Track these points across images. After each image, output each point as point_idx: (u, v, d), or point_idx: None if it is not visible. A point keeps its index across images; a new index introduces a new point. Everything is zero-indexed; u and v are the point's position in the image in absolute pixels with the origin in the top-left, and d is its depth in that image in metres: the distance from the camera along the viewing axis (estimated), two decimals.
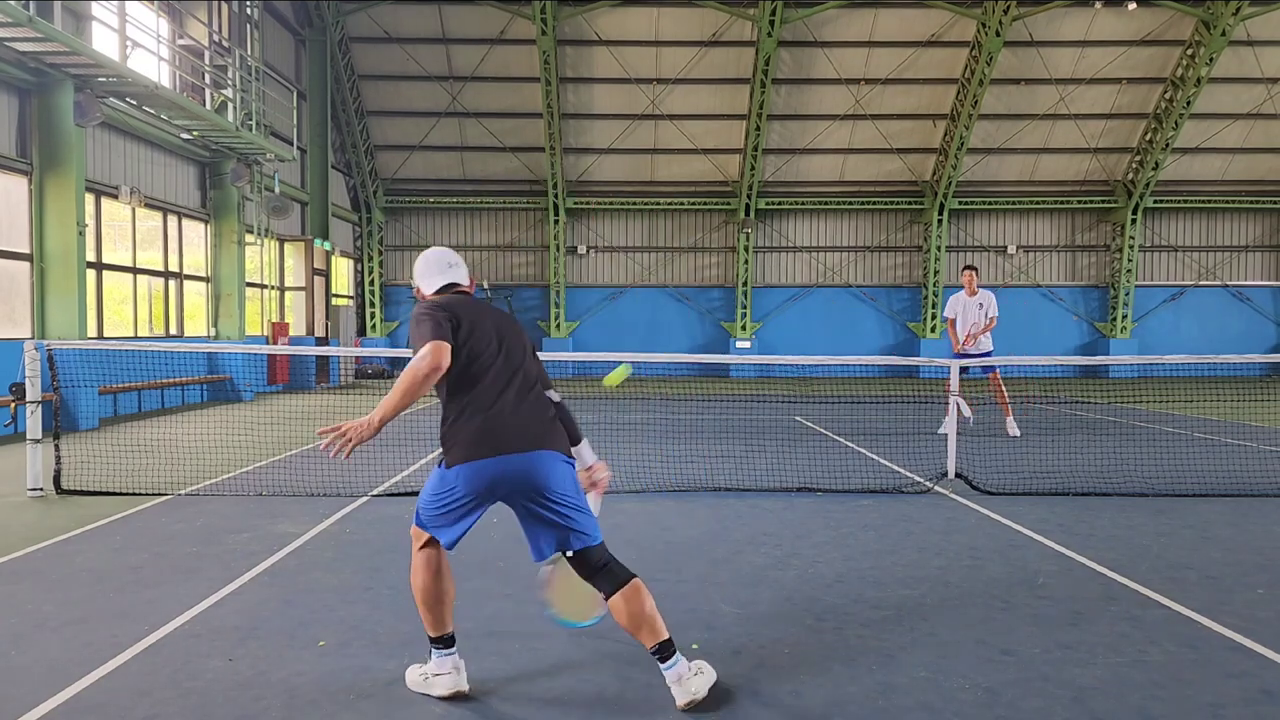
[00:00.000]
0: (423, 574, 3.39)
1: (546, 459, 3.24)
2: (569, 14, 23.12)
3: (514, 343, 3.41)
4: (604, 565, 3.29)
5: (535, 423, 3.29)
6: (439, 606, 3.39)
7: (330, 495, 7.25)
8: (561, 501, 3.24)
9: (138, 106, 14.80)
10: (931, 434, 11.29)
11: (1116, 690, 3.42)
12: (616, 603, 3.25)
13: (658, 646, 3.25)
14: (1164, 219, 27.70)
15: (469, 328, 3.30)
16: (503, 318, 3.48)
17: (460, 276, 3.58)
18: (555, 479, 3.24)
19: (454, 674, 3.38)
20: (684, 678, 3.24)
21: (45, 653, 3.79)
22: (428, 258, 3.60)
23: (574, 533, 3.25)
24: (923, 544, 5.75)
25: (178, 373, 15.74)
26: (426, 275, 3.56)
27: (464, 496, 3.23)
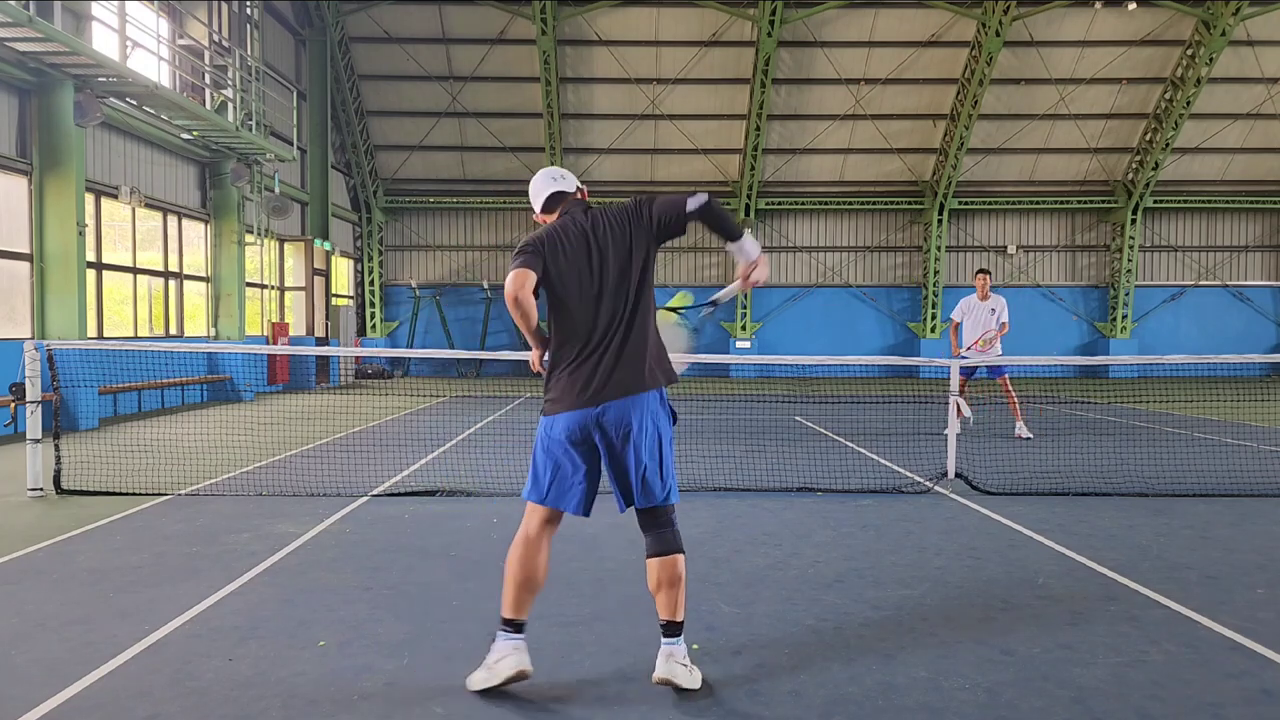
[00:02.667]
0: (517, 549, 3.42)
1: (640, 402, 3.31)
2: (569, 14, 23.12)
3: (617, 272, 3.35)
4: (664, 527, 3.37)
5: (629, 368, 3.32)
6: (523, 588, 3.40)
7: (330, 495, 7.25)
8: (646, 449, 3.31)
9: (138, 106, 14.81)
10: (931, 434, 11.28)
11: (1116, 690, 3.42)
12: (654, 565, 3.36)
13: (668, 623, 3.37)
14: (1164, 219, 27.70)
15: (561, 266, 3.32)
16: (609, 234, 3.38)
17: (567, 185, 3.56)
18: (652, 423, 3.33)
19: (515, 654, 3.37)
20: (673, 657, 3.34)
21: (45, 653, 3.79)
22: (535, 181, 3.61)
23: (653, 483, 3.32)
24: (923, 544, 5.75)
25: (178, 373, 15.74)
26: (536, 195, 3.58)
27: (565, 440, 3.33)
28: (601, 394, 3.29)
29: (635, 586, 4.74)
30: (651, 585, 3.38)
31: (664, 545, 3.36)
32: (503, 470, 8.26)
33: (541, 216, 3.56)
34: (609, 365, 3.31)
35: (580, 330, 3.34)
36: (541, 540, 3.42)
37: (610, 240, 3.37)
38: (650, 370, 3.37)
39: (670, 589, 3.34)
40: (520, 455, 9.28)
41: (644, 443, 3.32)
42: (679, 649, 3.38)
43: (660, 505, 3.36)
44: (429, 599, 4.55)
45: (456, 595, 4.61)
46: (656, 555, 3.36)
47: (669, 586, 3.34)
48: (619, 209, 3.43)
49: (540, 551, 3.42)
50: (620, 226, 3.39)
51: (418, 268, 27.69)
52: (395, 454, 9.71)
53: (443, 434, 11.63)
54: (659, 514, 3.37)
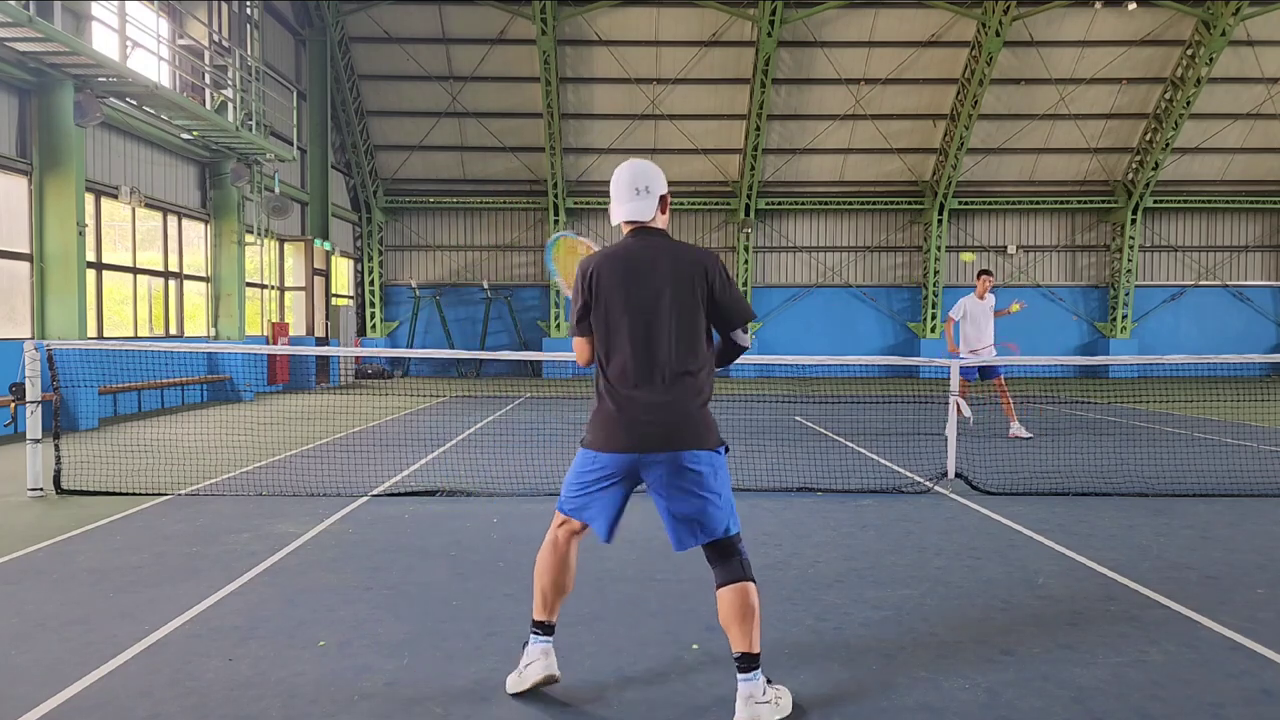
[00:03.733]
0: (546, 553, 3.40)
1: (684, 458, 3.14)
2: (569, 14, 23.12)
3: (671, 309, 3.17)
4: (730, 557, 3.21)
5: (675, 415, 3.15)
6: (551, 591, 3.39)
7: (330, 495, 7.25)
8: (696, 491, 3.16)
9: (138, 106, 14.81)
10: (931, 434, 11.28)
11: (1116, 690, 3.42)
12: (724, 594, 3.18)
13: (742, 655, 3.16)
14: (1164, 219, 27.70)
15: (611, 298, 3.19)
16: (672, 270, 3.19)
17: (643, 211, 3.28)
18: (695, 471, 3.15)
19: (543, 659, 3.37)
20: (753, 698, 3.12)
21: (45, 653, 3.79)
22: (619, 176, 3.33)
23: (708, 521, 3.17)
24: (923, 544, 5.75)
25: (178, 373, 15.74)
26: (614, 200, 3.36)
27: (600, 477, 3.24)
28: (647, 441, 3.14)
29: (635, 586, 4.74)
30: (723, 618, 3.19)
31: (732, 574, 3.18)
32: (503, 470, 8.25)
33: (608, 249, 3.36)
34: (658, 411, 3.15)
35: (630, 363, 3.17)
36: (570, 546, 3.40)
37: (674, 278, 3.20)
38: (699, 428, 3.19)
39: (744, 620, 3.14)
40: (520, 455, 9.29)
41: (695, 486, 3.16)
42: (757, 686, 3.14)
43: (723, 538, 3.20)
44: (429, 599, 4.55)
45: (456, 595, 4.61)
46: (726, 584, 3.18)
47: (742, 618, 3.15)
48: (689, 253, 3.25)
49: (570, 556, 3.40)
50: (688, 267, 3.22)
51: (418, 268, 27.69)
52: (395, 454, 9.71)
53: (443, 434, 11.63)
54: (723, 545, 3.20)
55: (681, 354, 3.19)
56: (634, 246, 3.27)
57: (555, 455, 9.28)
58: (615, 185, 3.34)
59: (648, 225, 3.31)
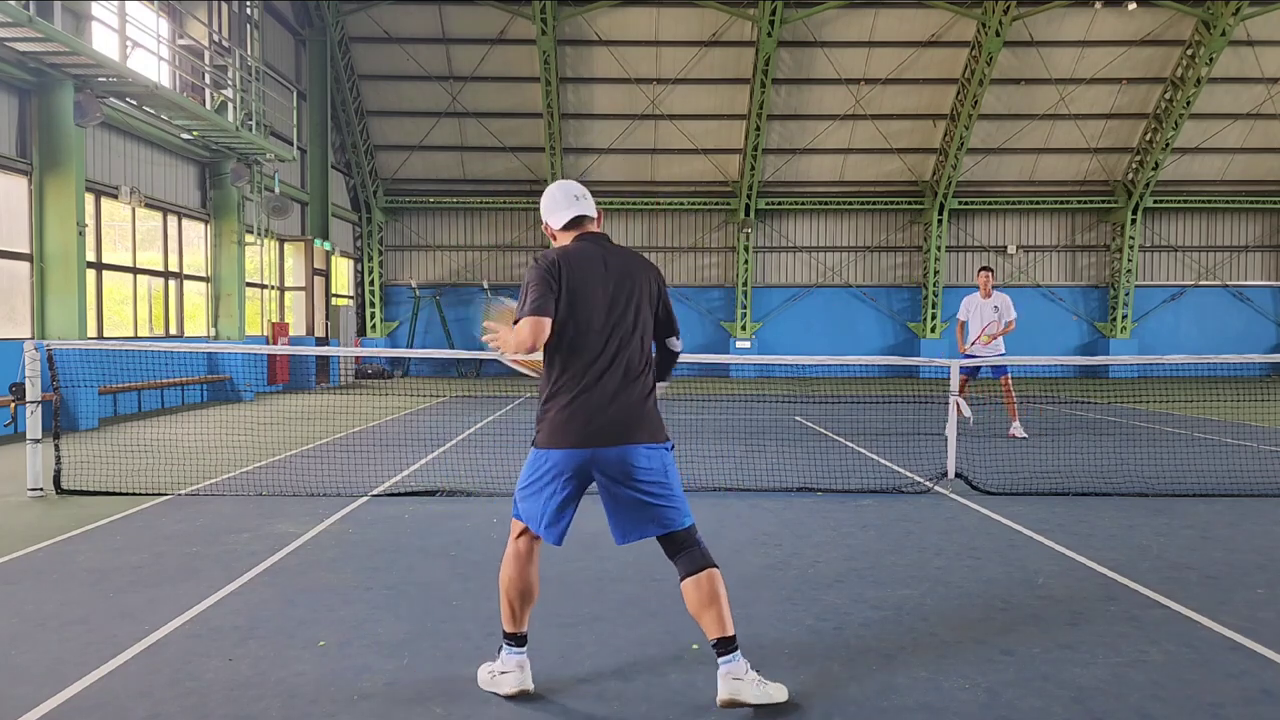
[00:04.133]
0: (510, 566, 3.38)
1: (638, 452, 3.19)
2: (569, 14, 23.12)
3: (627, 306, 3.26)
4: (690, 546, 3.26)
5: (630, 411, 3.21)
6: (520, 602, 3.37)
7: (330, 495, 7.25)
8: (649, 487, 3.21)
9: (138, 106, 14.81)
10: (931, 434, 11.28)
11: (1116, 690, 3.42)
12: (690, 584, 3.23)
13: (719, 640, 3.22)
14: (1164, 219, 27.70)
15: (576, 292, 3.19)
16: (624, 268, 3.30)
17: (588, 209, 3.41)
18: (645, 467, 3.20)
19: (518, 672, 3.36)
20: (734, 675, 3.19)
21: (45, 653, 3.79)
22: (552, 191, 3.44)
23: (662, 515, 3.23)
24: (923, 544, 5.75)
25: (178, 373, 15.74)
26: (553, 210, 3.41)
27: (554, 477, 3.22)
28: (602, 435, 3.17)
29: (635, 586, 4.74)
30: (693, 607, 3.24)
31: (695, 564, 3.24)
32: (503, 470, 8.25)
33: (555, 233, 3.43)
34: (612, 409, 3.19)
35: (585, 363, 3.19)
36: (532, 555, 3.38)
37: (628, 278, 3.29)
38: (651, 424, 3.26)
39: (714, 605, 3.20)
40: (520, 455, 9.27)
41: (648, 482, 3.22)
42: (738, 665, 3.20)
43: (679, 530, 3.26)
44: (429, 599, 4.55)
45: (456, 595, 4.61)
46: (690, 574, 3.23)
47: (711, 603, 3.20)
48: (641, 262, 3.37)
49: (531, 565, 3.38)
50: (640, 271, 3.33)
51: (418, 268, 27.69)
52: (395, 454, 9.71)
53: (443, 434, 11.63)
54: (679, 537, 3.27)
55: (643, 353, 3.29)
56: (592, 248, 3.31)
57: None
58: (550, 199, 3.44)
59: (594, 230, 3.41)
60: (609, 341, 3.21)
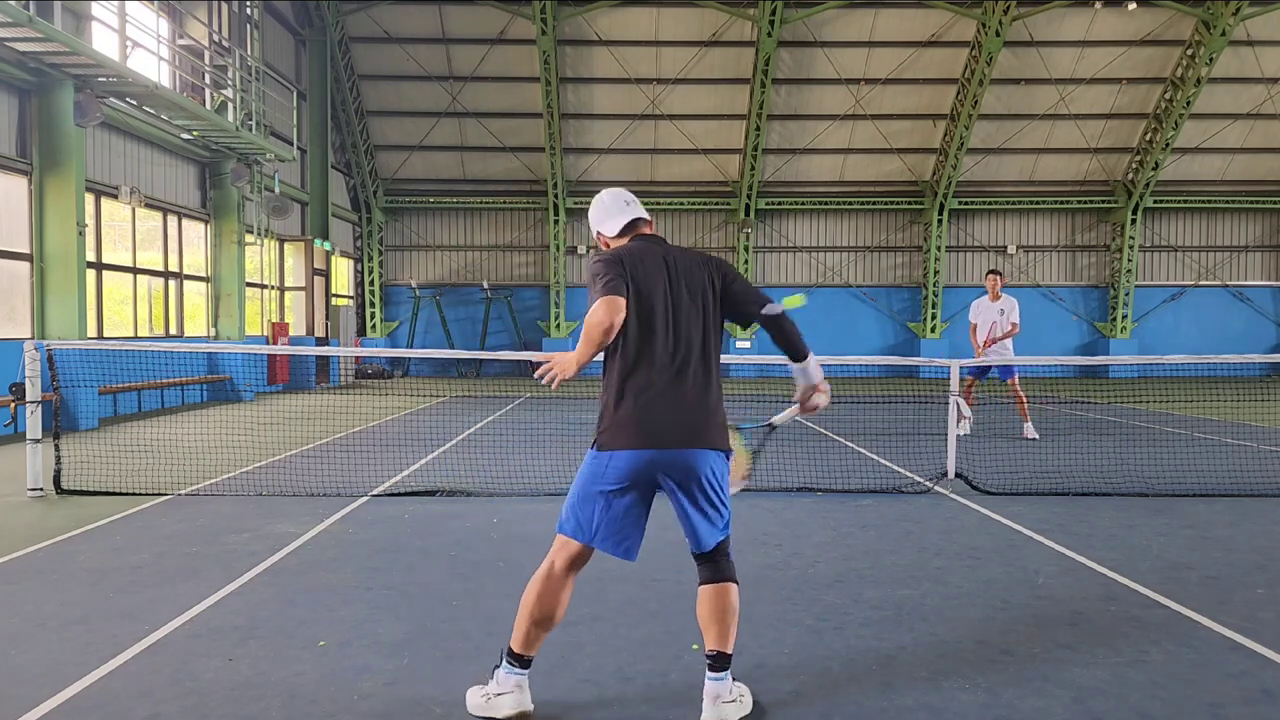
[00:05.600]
0: (538, 585, 3.16)
1: (705, 457, 3.09)
2: (569, 14, 23.12)
3: (691, 306, 3.14)
4: (721, 557, 3.20)
5: (697, 413, 3.09)
6: (538, 627, 3.17)
7: (330, 495, 7.25)
8: (714, 494, 3.14)
9: (138, 106, 14.81)
10: (931, 434, 11.27)
11: (1116, 690, 3.42)
12: (708, 592, 3.17)
13: (715, 654, 3.15)
14: (1164, 219, 27.70)
15: (641, 286, 3.08)
16: (687, 265, 3.19)
17: (642, 212, 3.35)
18: (713, 471, 3.13)
19: (517, 692, 3.18)
20: (720, 698, 3.13)
21: (45, 653, 3.79)
22: (602, 199, 3.37)
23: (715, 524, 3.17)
24: (923, 544, 5.75)
25: (178, 373, 15.74)
26: (607, 217, 3.33)
27: (616, 480, 3.07)
28: (671, 436, 3.05)
29: (635, 586, 4.74)
30: (702, 614, 3.17)
31: (720, 573, 3.18)
32: (503, 470, 8.25)
33: (608, 241, 3.33)
34: (682, 409, 3.07)
35: (654, 360, 3.07)
36: (568, 578, 3.18)
37: (689, 276, 3.18)
38: (720, 427, 3.18)
39: (724, 620, 3.14)
40: (520, 455, 9.29)
41: (710, 488, 3.14)
42: (725, 686, 3.15)
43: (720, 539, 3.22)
44: (429, 599, 4.55)
45: (456, 595, 4.61)
46: (710, 582, 3.17)
47: (722, 617, 3.14)
48: (700, 256, 3.28)
49: (565, 589, 3.18)
50: (699, 268, 3.22)
51: (418, 268, 27.69)
52: (395, 454, 9.71)
53: (443, 434, 11.63)
54: (717, 545, 3.22)
55: (712, 354, 3.19)
56: (653, 247, 3.22)
57: (555, 455, 9.28)
58: (600, 208, 3.36)
59: (650, 233, 3.35)
60: (676, 339, 3.10)
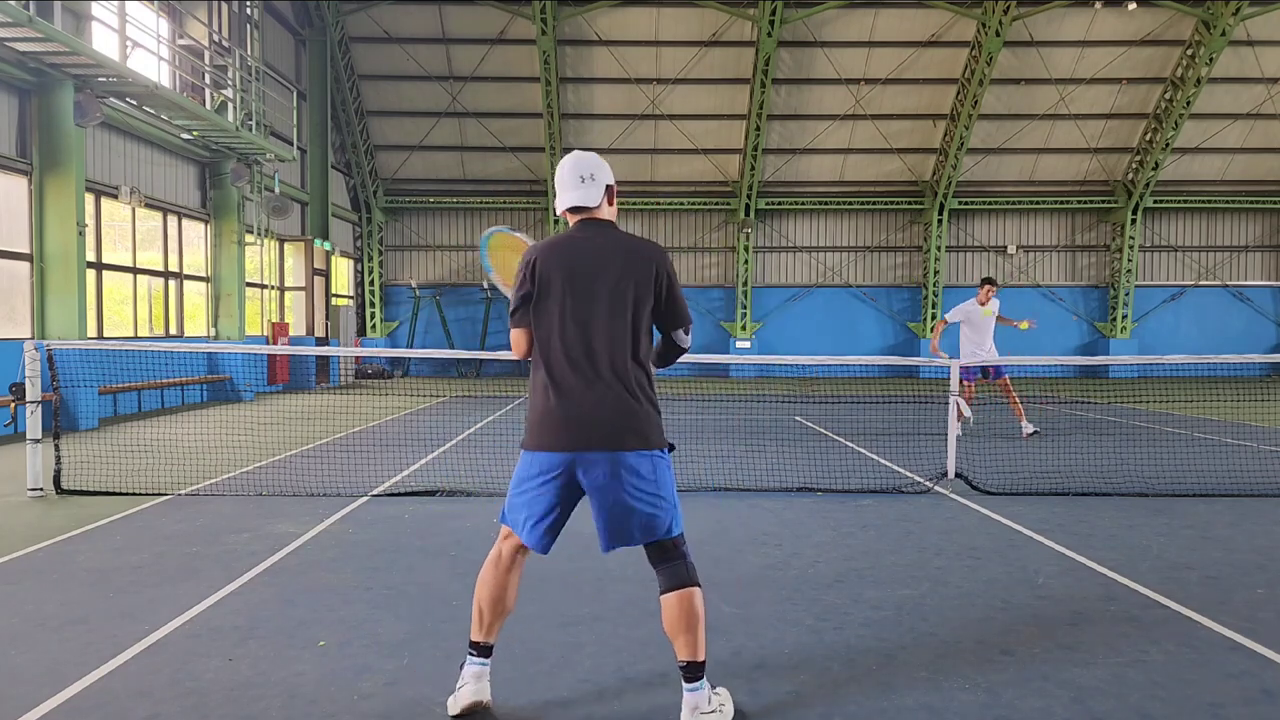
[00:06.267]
0: (488, 569, 3.25)
1: (624, 459, 2.99)
2: (569, 14, 23.12)
3: (611, 304, 3.04)
4: (674, 560, 3.07)
5: (616, 414, 3.00)
6: (490, 609, 3.21)
7: (330, 495, 7.25)
8: (637, 494, 3.01)
9: (138, 106, 14.81)
10: (931, 434, 11.27)
11: (1116, 690, 3.42)
12: (669, 601, 3.05)
13: (688, 664, 3.05)
14: (1164, 219, 27.70)
15: (551, 286, 3.04)
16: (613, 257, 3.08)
17: (588, 196, 3.17)
18: (633, 473, 3.00)
19: (473, 683, 3.18)
20: (699, 709, 3.04)
21: (45, 653, 3.79)
22: (562, 166, 3.23)
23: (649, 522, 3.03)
24: (923, 544, 5.75)
25: (178, 373, 15.74)
26: (559, 189, 3.23)
27: (536, 477, 3.08)
28: (585, 439, 2.99)
29: (635, 586, 4.74)
30: (668, 625, 3.05)
31: (676, 579, 3.04)
32: (503, 470, 8.25)
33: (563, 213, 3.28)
34: (597, 409, 2.99)
35: (566, 362, 3.03)
36: (514, 564, 3.22)
37: (615, 272, 3.07)
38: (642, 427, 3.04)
39: (690, 628, 3.01)
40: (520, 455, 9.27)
41: (636, 488, 3.01)
42: (703, 696, 3.04)
43: (665, 538, 3.06)
44: (429, 599, 4.55)
45: (456, 595, 4.61)
46: (671, 590, 3.04)
47: (688, 625, 3.01)
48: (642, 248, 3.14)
49: (513, 574, 3.23)
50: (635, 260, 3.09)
51: (418, 268, 27.69)
52: (395, 454, 9.71)
53: (443, 434, 11.63)
54: (666, 547, 3.07)
55: (629, 350, 3.06)
56: (580, 236, 3.14)
57: None
58: (559, 175, 3.24)
59: (595, 216, 3.20)
60: (590, 337, 3.02)
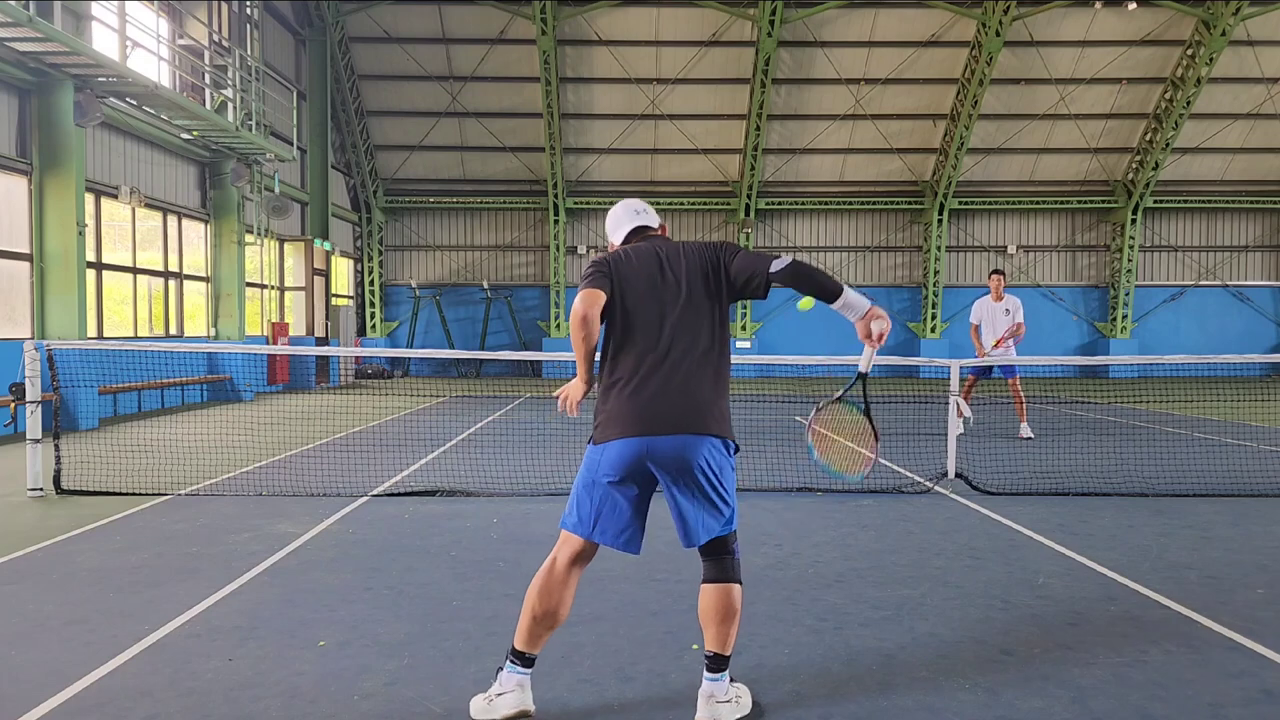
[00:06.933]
0: (541, 579, 3.16)
1: (698, 444, 3.03)
2: (569, 14, 23.12)
3: (684, 297, 3.12)
4: (724, 554, 3.14)
5: (689, 400, 3.05)
6: (541, 622, 3.15)
7: (330, 495, 7.25)
8: (709, 486, 3.07)
9: (138, 106, 14.81)
10: (931, 434, 11.27)
11: (1116, 690, 3.42)
12: (708, 591, 3.13)
13: (714, 655, 3.13)
14: (1164, 219, 27.71)
15: (627, 281, 3.13)
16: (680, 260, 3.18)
17: (649, 220, 3.42)
18: (707, 462, 3.05)
19: (518, 691, 3.14)
20: (714, 698, 3.11)
21: (45, 653, 3.79)
22: (615, 211, 3.47)
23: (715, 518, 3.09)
24: (923, 544, 5.75)
25: (178, 373, 15.74)
26: (616, 227, 3.44)
27: (609, 471, 3.06)
28: (659, 422, 3.02)
29: (635, 586, 4.74)
30: (704, 613, 3.13)
31: (722, 572, 3.13)
32: (503, 470, 8.26)
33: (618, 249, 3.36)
34: (671, 395, 3.05)
35: (642, 352, 3.09)
36: (571, 574, 3.17)
37: (684, 266, 3.17)
38: (715, 415, 3.10)
39: (724, 621, 3.10)
40: (520, 455, 9.28)
41: (704, 478, 3.07)
42: (720, 686, 3.12)
43: (723, 534, 3.13)
44: (429, 599, 4.55)
45: (456, 595, 4.61)
46: (714, 581, 3.13)
47: (723, 618, 3.10)
48: (700, 244, 3.26)
49: (568, 586, 3.16)
50: (697, 256, 3.21)
51: (418, 268, 27.69)
52: (395, 454, 9.71)
53: (443, 434, 11.63)
54: (719, 542, 3.14)
55: (706, 339, 3.14)
56: (645, 245, 3.29)
57: (555, 455, 9.28)
58: (613, 217, 3.47)
59: (655, 232, 3.42)
60: (664, 331, 3.09)
